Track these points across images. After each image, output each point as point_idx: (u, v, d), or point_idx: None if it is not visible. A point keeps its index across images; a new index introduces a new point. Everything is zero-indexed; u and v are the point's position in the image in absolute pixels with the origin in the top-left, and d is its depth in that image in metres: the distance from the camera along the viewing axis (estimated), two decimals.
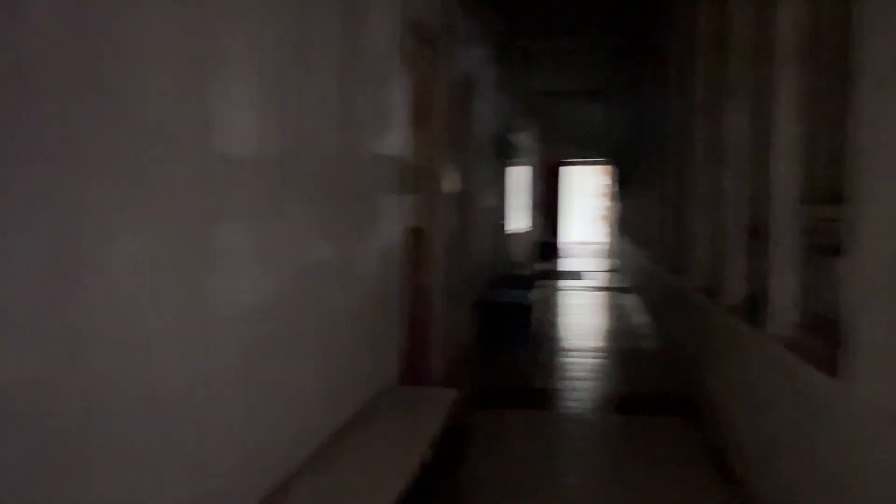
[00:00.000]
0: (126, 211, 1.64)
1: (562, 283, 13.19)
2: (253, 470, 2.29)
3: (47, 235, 1.40)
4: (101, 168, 1.55)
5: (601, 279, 13.96)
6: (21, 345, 1.34)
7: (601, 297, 11.69)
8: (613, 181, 15.57)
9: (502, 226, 10.40)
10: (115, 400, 1.60)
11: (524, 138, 13.02)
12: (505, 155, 10.06)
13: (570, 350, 7.41)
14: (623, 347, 7.68)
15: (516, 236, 12.36)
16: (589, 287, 12.73)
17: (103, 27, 1.55)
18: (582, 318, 9.56)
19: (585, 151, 16.11)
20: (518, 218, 12.42)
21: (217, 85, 2.02)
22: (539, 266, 13.21)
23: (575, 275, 14.54)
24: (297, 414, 2.65)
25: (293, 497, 2.38)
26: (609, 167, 16.19)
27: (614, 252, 15.35)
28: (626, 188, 13.21)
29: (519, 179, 12.25)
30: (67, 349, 1.45)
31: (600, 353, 7.38)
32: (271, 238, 2.40)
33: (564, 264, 16.50)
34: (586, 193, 21.26)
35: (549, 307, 10.11)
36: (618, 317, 9.80)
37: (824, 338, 2.67)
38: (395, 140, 3.92)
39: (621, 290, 12.04)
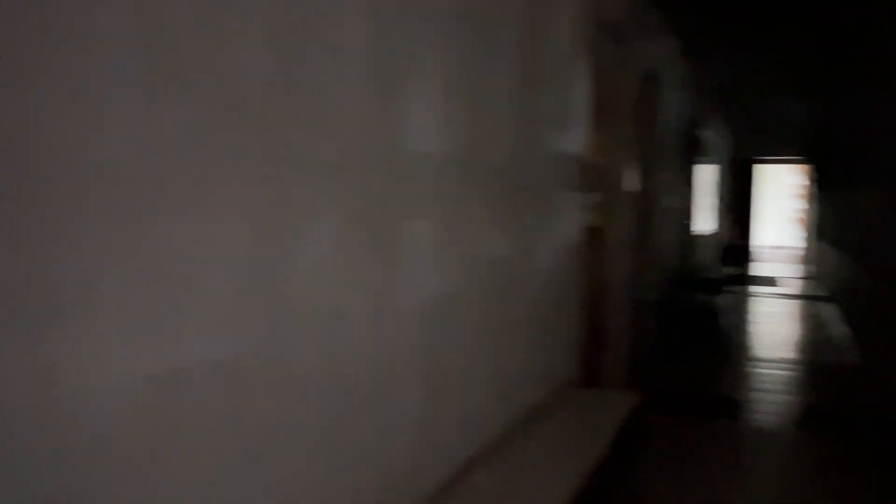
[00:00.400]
0: (323, 205, 1.75)
1: (752, 288, 12.42)
2: (427, 458, 2.35)
3: (253, 227, 1.52)
4: (302, 165, 1.66)
5: (796, 286, 12.99)
6: (228, 325, 1.46)
7: (795, 305, 10.89)
8: (811, 181, 14.43)
9: (688, 227, 9.97)
10: (307, 378, 1.72)
11: (713, 135, 12.40)
12: (692, 153, 9.63)
13: (760, 360, 6.97)
14: (819, 360, 7.11)
15: (703, 238, 11.80)
16: (782, 294, 11.90)
17: (304, 36, 1.65)
18: (773, 326, 8.95)
19: (780, 149, 15.02)
20: (705, 219, 11.85)
21: (406, 87, 2.10)
22: (727, 270, 12.52)
23: (767, 280, 13.64)
24: (470, 406, 2.69)
25: (466, 488, 2.42)
26: (807, 166, 15.03)
27: (811, 257, 14.22)
28: (825, 188, 12.19)
29: (707, 178, 11.68)
30: (266, 329, 1.57)
31: (793, 365, 6.88)
32: (453, 233, 2.46)
33: (755, 269, 15.51)
34: (781, 194, 19.87)
35: (738, 313, 9.56)
36: (814, 327, 9.08)
37: None
38: (576, 137, 3.87)
39: (818, 298, 11.14)
